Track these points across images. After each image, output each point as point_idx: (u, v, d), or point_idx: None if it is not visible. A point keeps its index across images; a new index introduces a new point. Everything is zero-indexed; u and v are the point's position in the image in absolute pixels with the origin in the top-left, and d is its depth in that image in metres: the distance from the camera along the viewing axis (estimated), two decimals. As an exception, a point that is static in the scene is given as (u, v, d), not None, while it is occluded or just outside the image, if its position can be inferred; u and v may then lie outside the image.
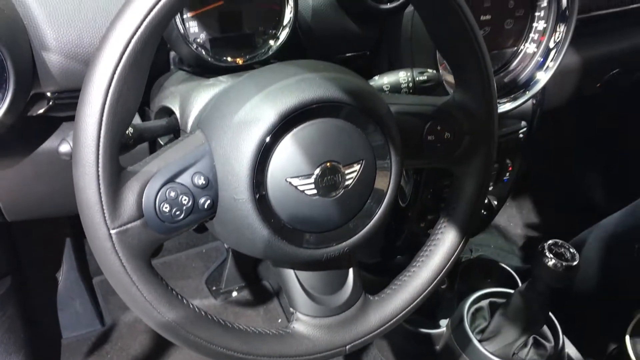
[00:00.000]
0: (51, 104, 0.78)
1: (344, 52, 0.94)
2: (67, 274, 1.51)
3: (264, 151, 0.58)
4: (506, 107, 1.00)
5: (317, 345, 0.68)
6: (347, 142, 0.62)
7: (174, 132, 0.72)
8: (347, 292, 0.70)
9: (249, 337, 0.65)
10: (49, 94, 0.77)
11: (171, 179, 0.58)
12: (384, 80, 0.79)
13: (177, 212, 0.58)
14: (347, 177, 0.62)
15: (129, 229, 0.55)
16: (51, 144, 0.84)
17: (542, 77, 1.01)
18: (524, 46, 1.03)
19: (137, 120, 0.84)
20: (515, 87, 1.02)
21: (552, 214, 1.98)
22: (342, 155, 0.61)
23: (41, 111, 0.79)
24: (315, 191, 0.61)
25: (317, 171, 0.60)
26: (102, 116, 0.51)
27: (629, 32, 1.29)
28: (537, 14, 1.01)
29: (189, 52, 0.75)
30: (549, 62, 1.00)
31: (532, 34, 1.03)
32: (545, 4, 1.00)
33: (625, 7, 1.20)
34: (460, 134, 0.71)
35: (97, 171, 0.52)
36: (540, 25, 1.01)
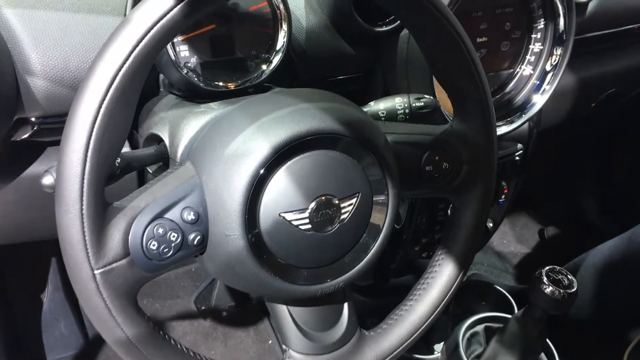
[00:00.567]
0: (36, 129, 0.76)
1: (338, 75, 0.92)
2: (52, 294, 1.48)
3: (257, 185, 0.56)
4: (502, 130, 0.99)
5: None
6: (343, 175, 0.60)
7: (163, 160, 0.70)
8: (341, 328, 0.68)
9: None
10: (33, 119, 0.75)
11: (159, 215, 0.55)
12: (380, 106, 0.77)
13: (165, 250, 0.55)
14: (343, 210, 0.60)
15: (114, 269, 0.53)
16: (36, 169, 0.81)
17: (539, 100, 1.00)
18: (520, 68, 1.02)
19: (126, 145, 0.82)
20: (511, 109, 1.01)
21: (546, 230, 1.97)
22: (338, 188, 0.59)
23: (25, 136, 0.76)
24: (309, 226, 0.58)
25: (312, 205, 0.58)
26: (87, 152, 0.49)
27: (623, 52, 1.29)
28: (533, 35, 1.00)
29: (179, 77, 0.73)
30: (545, 86, 0.99)
31: (528, 56, 1.01)
32: (542, 26, 0.99)
33: (619, 28, 1.19)
34: (458, 164, 0.69)
35: (81, 209, 0.50)
36: (536, 47, 1.00)
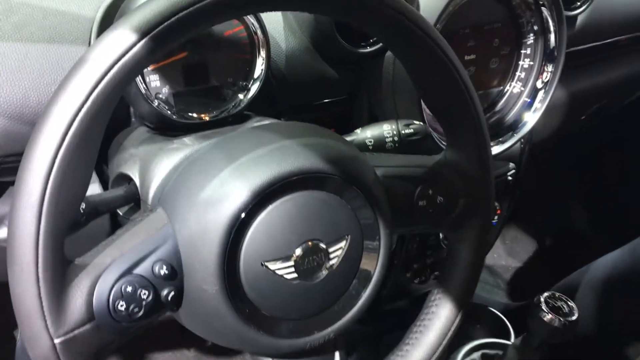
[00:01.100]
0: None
1: (321, 99, 0.88)
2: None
3: (236, 233, 0.50)
4: (494, 151, 0.95)
5: None
6: (331, 217, 0.55)
7: (134, 201, 0.64)
8: None
9: None
10: (-9, 158, 0.69)
11: (128, 271, 0.49)
12: (367, 134, 0.72)
13: (136, 309, 0.49)
14: (331, 256, 0.55)
15: (77, 336, 0.47)
16: (-2, 210, 0.75)
17: (530, 119, 0.96)
18: (511, 86, 0.98)
19: (95, 182, 0.76)
20: (502, 129, 0.97)
21: (536, 242, 1.93)
22: (325, 232, 0.54)
23: (-17, 176, 0.70)
24: (295, 275, 0.53)
25: (298, 252, 0.53)
26: (41, 208, 0.43)
27: (612, 64, 1.26)
28: (523, 51, 0.96)
29: (150, 110, 0.68)
30: (536, 104, 0.95)
31: (518, 73, 0.98)
32: (531, 41, 0.95)
33: (607, 40, 1.16)
34: (454, 198, 0.64)
35: (37, 273, 0.44)
36: (526, 63, 0.97)
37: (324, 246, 0.54)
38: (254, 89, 0.72)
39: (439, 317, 0.67)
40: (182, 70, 0.70)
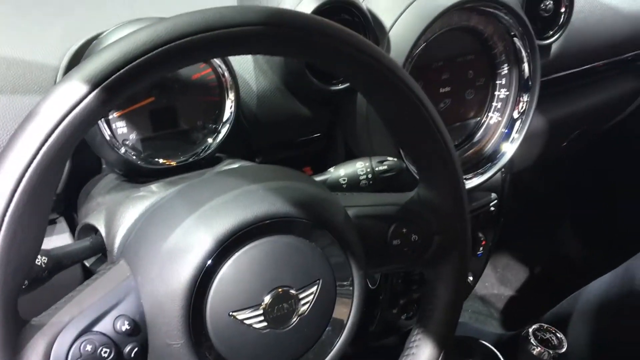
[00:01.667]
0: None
1: (295, 138, 0.87)
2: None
3: (200, 284, 0.49)
4: (473, 182, 0.94)
5: None
6: (300, 262, 0.53)
7: (102, 252, 0.63)
8: None
9: None
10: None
11: (87, 329, 0.48)
12: (340, 172, 0.71)
13: None
14: (302, 302, 0.53)
15: None
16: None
17: (509, 149, 0.95)
18: (488, 116, 0.97)
19: (65, 231, 0.74)
20: (480, 160, 0.96)
21: (528, 269, 1.91)
22: (295, 277, 0.53)
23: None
24: (265, 324, 0.51)
25: (267, 300, 0.51)
26: None
27: (589, 90, 1.26)
28: (498, 82, 0.96)
29: (117, 157, 0.66)
30: (514, 134, 0.94)
31: (494, 103, 0.97)
32: (506, 71, 0.95)
33: (583, 67, 1.16)
34: (428, 235, 0.63)
35: None
36: (502, 93, 0.96)
37: (294, 292, 0.53)
38: (224, 131, 0.71)
39: (420, 358, 0.64)
40: (150, 115, 0.69)
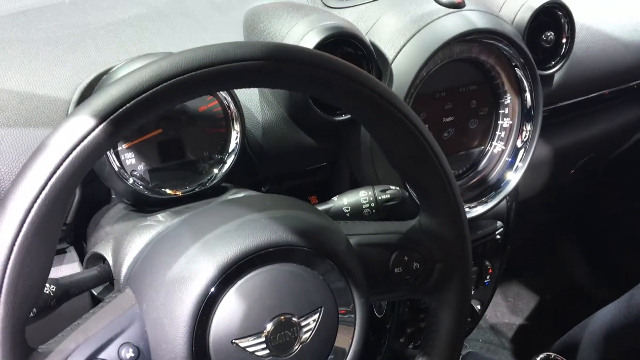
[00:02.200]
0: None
1: (301, 168, 0.88)
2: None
3: (204, 311, 0.50)
4: (477, 211, 0.94)
5: None
6: (302, 290, 0.54)
7: (109, 280, 0.64)
8: None
9: None
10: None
11: (92, 356, 0.49)
12: (344, 201, 0.72)
13: None
14: (304, 329, 0.54)
15: None
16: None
17: (513, 178, 0.96)
18: (491, 145, 0.98)
19: (75, 261, 0.76)
20: (485, 189, 0.97)
21: (539, 298, 1.89)
22: (297, 305, 0.53)
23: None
24: (267, 351, 0.52)
25: (269, 327, 0.52)
26: None
27: (594, 118, 1.27)
28: (501, 111, 0.97)
29: (125, 188, 0.68)
30: (518, 163, 0.95)
31: (498, 132, 0.98)
32: (509, 101, 0.96)
33: (588, 95, 1.17)
34: (430, 263, 0.63)
35: None
36: (505, 122, 0.97)
37: (296, 320, 0.53)
38: (230, 162, 0.73)
39: (423, 387, 0.64)
40: (157, 146, 0.71)
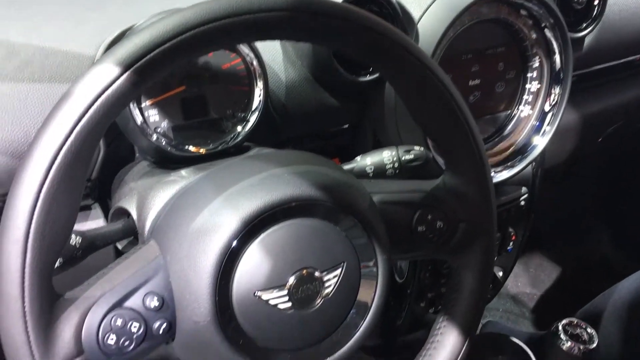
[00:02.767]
0: (0, 206, 0.71)
1: (323, 129, 0.87)
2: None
3: (227, 263, 0.50)
4: (503, 176, 0.93)
5: None
6: (324, 244, 0.54)
7: (133, 235, 0.64)
8: None
9: None
10: (-3, 197, 0.70)
11: (118, 304, 0.49)
12: (367, 161, 0.72)
13: (126, 343, 0.49)
14: (326, 284, 0.54)
15: None
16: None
17: (540, 142, 0.94)
18: (518, 109, 0.97)
19: (100, 217, 0.77)
20: (511, 153, 0.95)
21: (562, 270, 1.88)
22: (320, 259, 0.53)
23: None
24: (290, 304, 0.52)
25: (292, 280, 0.52)
26: (26, 243, 0.43)
27: (624, 85, 1.23)
28: (529, 75, 0.95)
29: (148, 144, 0.68)
30: (545, 127, 0.93)
31: (525, 96, 0.96)
32: (537, 64, 0.94)
33: (619, 61, 1.14)
34: (454, 222, 0.63)
35: (23, 307, 0.44)
36: (533, 86, 0.95)
37: (318, 274, 0.53)
38: (253, 120, 0.72)
39: (444, 346, 0.64)
40: (181, 104, 0.71)
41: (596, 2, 0.98)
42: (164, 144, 0.68)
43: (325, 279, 0.54)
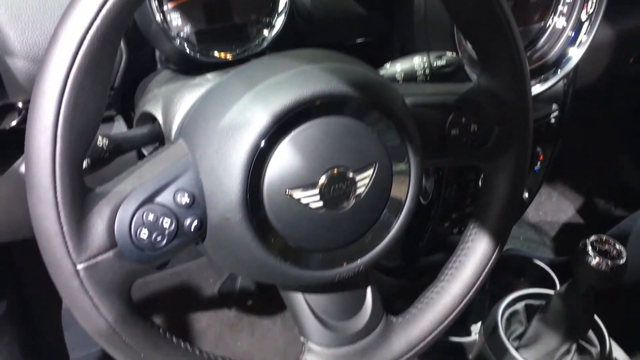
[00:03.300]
0: (23, 114, 0.70)
1: (349, 39, 0.84)
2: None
3: (258, 160, 0.49)
4: (535, 89, 0.90)
5: None
6: (356, 144, 0.52)
7: (159, 140, 0.63)
8: (365, 315, 0.61)
9: None
10: (19, 105, 0.69)
11: (149, 199, 0.49)
12: (397, 67, 0.69)
13: (159, 238, 0.49)
14: (359, 184, 0.53)
15: (100, 262, 0.46)
16: (28, 159, 0.75)
17: (575, 54, 0.90)
18: (553, 20, 0.92)
19: (123, 127, 0.76)
20: (544, 66, 0.92)
21: (585, 199, 1.86)
22: (351, 159, 0.52)
23: (14, 123, 0.70)
24: (321, 203, 0.51)
25: (323, 180, 0.51)
26: (55, 131, 0.42)
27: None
28: (565, -17, 0.90)
29: (171, 49, 0.66)
30: (581, 37, 0.89)
31: (560, 7, 0.92)
32: (573, -29, 0.89)
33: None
34: (488, 125, 0.61)
35: (55, 197, 0.43)
36: (569, -5, 0.91)
37: (350, 174, 0.52)
38: (279, 24, 0.70)
39: (476, 252, 0.64)
40: (204, 8, 0.68)
41: None
42: (187, 49, 0.66)
43: (357, 178, 0.52)
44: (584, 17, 0.89)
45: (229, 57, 0.68)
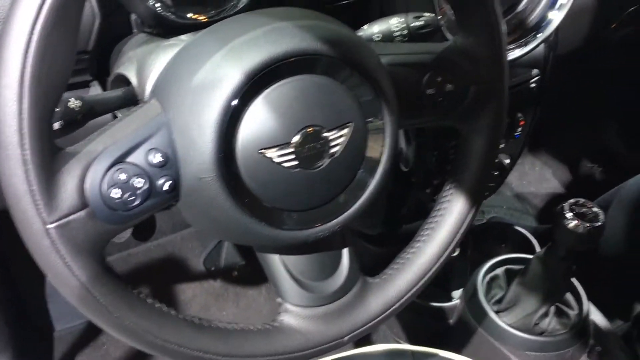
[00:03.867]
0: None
1: (328, 1, 0.83)
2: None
3: (231, 119, 0.48)
4: (515, 53, 0.90)
5: (311, 339, 0.59)
6: (331, 102, 0.52)
7: (133, 103, 0.63)
8: (342, 276, 0.61)
9: (229, 335, 0.56)
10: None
11: (120, 159, 0.48)
12: (374, 29, 0.68)
13: (131, 198, 0.48)
14: (333, 143, 0.53)
15: (71, 222, 0.46)
16: None
17: (555, 17, 0.90)
18: (533, -16, 0.92)
19: (98, 91, 0.75)
20: (524, 30, 0.91)
21: (569, 168, 1.87)
22: (326, 118, 0.52)
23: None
24: (296, 163, 0.51)
25: (297, 139, 0.51)
26: (22, 85, 0.41)
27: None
28: (545, -56, 0.90)
29: (145, 10, 0.65)
30: (561, 0, 0.89)
31: (541, -31, 0.91)
32: None
33: None
34: (464, 85, 0.61)
35: (23, 154, 0.43)
36: (549, -43, 0.90)
37: (325, 133, 0.52)
38: (254, -15, 0.69)
39: (452, 212, 0.64)
40: None
41: None
42: (161, 9, 0.65)
43: (331, 137, 0.52)
44: (564, -21, 0.88)
45: (203, 18, 0.67)
